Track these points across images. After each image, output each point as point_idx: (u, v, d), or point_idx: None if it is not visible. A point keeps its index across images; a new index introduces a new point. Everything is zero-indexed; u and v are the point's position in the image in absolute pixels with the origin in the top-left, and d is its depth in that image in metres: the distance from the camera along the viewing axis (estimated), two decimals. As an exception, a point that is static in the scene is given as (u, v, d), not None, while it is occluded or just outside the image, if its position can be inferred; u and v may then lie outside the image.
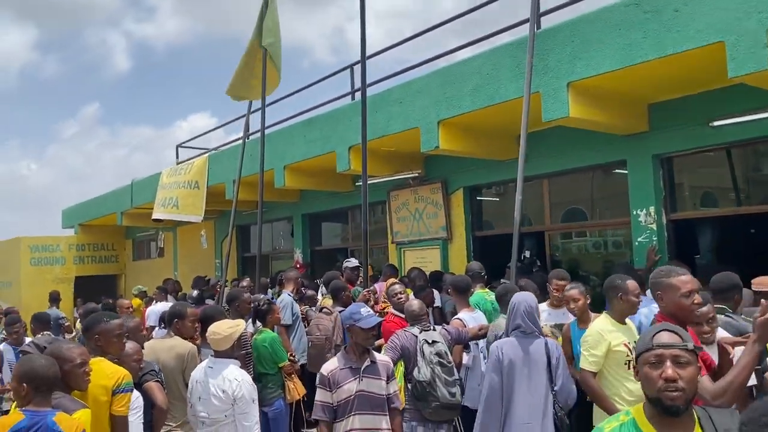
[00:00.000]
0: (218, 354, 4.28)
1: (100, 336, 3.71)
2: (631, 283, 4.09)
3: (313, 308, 7.49)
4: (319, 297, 8.22)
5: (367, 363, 3.98)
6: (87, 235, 17.60)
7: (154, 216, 12.14)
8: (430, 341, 4.59)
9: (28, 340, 6.84)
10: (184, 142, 14.12)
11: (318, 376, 4.02)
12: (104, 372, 3.54)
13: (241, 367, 4.29)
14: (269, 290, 9.56)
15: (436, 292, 6.87)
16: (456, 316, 5.23)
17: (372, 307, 6.48)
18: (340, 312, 6.19)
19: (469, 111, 6.60)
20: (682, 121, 6.24)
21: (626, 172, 6.79)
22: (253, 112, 10.15)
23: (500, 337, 4.32)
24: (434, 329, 4.72)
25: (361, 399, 3.90)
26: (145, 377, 4.15)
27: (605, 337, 3.97)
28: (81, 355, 3.38)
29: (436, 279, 7.47)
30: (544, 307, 5.11)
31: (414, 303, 4.95)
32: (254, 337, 5.63)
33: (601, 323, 4.10)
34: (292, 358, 5.78)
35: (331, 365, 4.01)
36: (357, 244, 10.99)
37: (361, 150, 8.10)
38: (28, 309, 13.16)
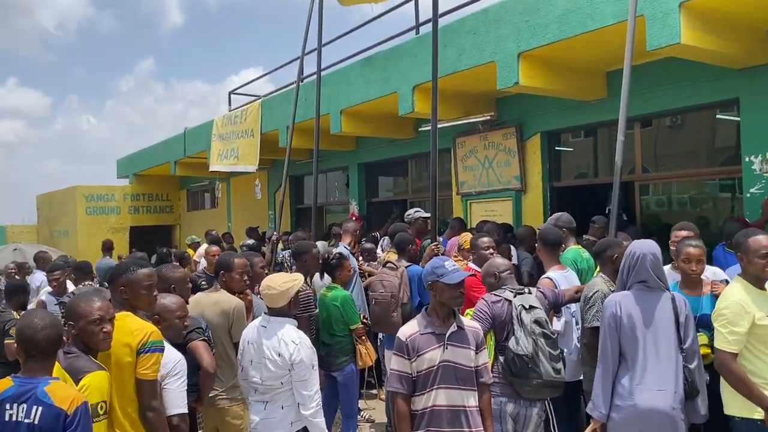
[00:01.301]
0: (272, 311, 3.70)
1: (126, 288, 3.18)
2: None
3: (374, 263, 6.90)
4: (379, 251, 7.63)
5: (453, 328, 3.32)
6: (142, 185, 17.45)
7: (214, 168, 11.78)
8: (527, 307, 3.89)
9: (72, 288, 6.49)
10: (236, 89, 13.58)
11: (395, 341, 3.40)
12: (128, 328, 3.01)
13: (299, 328, 3.71)
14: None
15: (512, 248, 6.16)
16: (545, 275, 4.50)
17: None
18: (407, 267, 5.56)
19: (555, 41, 5.73)
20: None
21: (733, 116, 5.84)
22: (308, 53, 9.45)
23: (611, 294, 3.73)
24: (529, 292, 4.01)
25: (445, 370, 3.26)
26: (190, 335, 3.61)
27: (747, 308, 3.22)
28: (99, 310, 2.85)
29: (505, 232, 6.76)
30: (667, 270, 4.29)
31: (499, 260, 4.24)
32: (322, 294, 5.10)
33: (739, 291, 3.34)
34: (365, 320, 5.22)
35: (409, 329, 3.36)
36: (417, 195, 10.30)
37: (426, 90, 7.45)
38: (86, 257, 13.10)
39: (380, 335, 6.00)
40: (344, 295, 5.00)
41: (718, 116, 6.47)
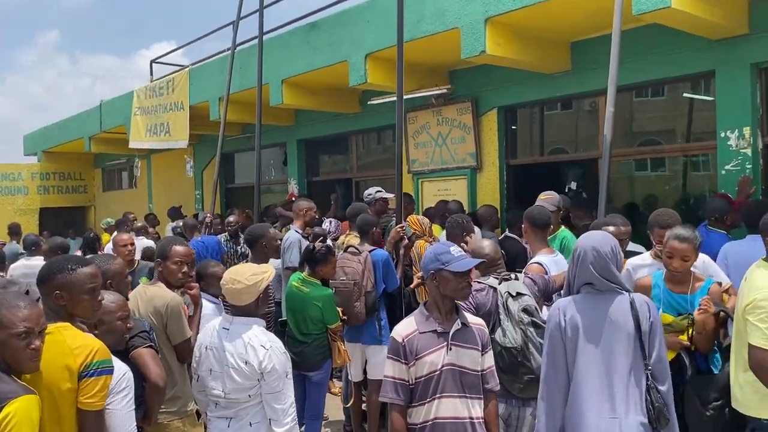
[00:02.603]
0: (236, 310, 3.09)
1: (63, 291, 2.48)
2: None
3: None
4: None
5: (456, 326, 2.82)
6: (52, 163, 15.98)
7: (139, 145, 10.81)
8: (514, 294, 3.45)
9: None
10: (158, 57, 12.50)
11: (390, 342, 2.86)
12: (66, 346, 2.35)
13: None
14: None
15: (477, 229, 5.73)
16: (534, 259, 4.07)
17: (405, 247, 5.41)
18: (370, 252, 5.02)
19: (529, 5, 5.28)
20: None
21: (708, 92, 5.61)
22: (245, 16, 8.66)
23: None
24: (516, 278, 3.57)
25: (449, 376, 2.76)
26: (133, 341, 2.94)
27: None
28: (27, 321, 2.17)
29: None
30: (647, 260, 3.91)
31: (485, 243, 3.78)
32: (298, 288, 4.52)
33: None
34: (344, 317, 4.66)
35: (405, 328, 2.84)
36: (363, 174, 9.75)
37: (380, 59, 6.89)
38: (-13, 243, 11.81)
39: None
40: (327, 294, 4.46)
41: (691, 91, 6.24)
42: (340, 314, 4.73)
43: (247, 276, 3.06)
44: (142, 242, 9.07)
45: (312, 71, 7.56)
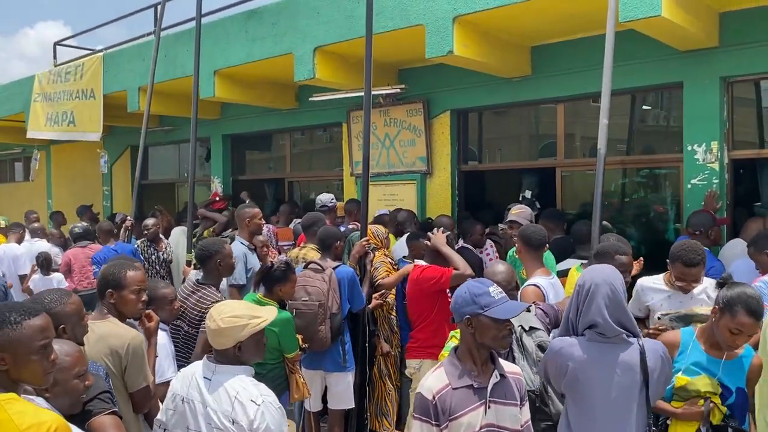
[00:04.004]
0: (218, 356, 2.53)
1: (4, 354, 1.89)
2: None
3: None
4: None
5: (494, 378, 2.40)
6: (-71, 151, 14.18)
7: (38, 135, 9.66)
8: (527, 328, 3.08)
9: None
10: (63, 40, 11.29)
11: (416, 398, 2.40)
12: (12, 427, 1.76)
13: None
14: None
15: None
16: (529, 282, 3.72)
17: (370, 262, 4.96)
18: (334, 269, 4.52)
19: (502, 5, 4.95)
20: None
21: (676, 102, 5.51)
22: (169, -1, 7.84)
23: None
24: (528, 309, 3.19)
25: (489, 440, 2.34)
26: (92, 405, 2.32)
27: None
28: None
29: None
30: (660, 283, 3.65)
31: (500, 268, 3.37)
32: None
33: None
34: (303, 345, 4.10)
35: (436, 382, 2.38)
36: (297, 175, 9.17)
37: (329, 53, 6.37)
38: None
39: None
40: (286, 318, 3.85)
41: (659, 98, 6.16)
42: (300, 342, 4.21)
43: (224, 317, 2.52)
44: (38, 245, 8.07)
45: (249, 63, 6.93)
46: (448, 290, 4.52)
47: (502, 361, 2.50)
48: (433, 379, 2.41)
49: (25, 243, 8.31)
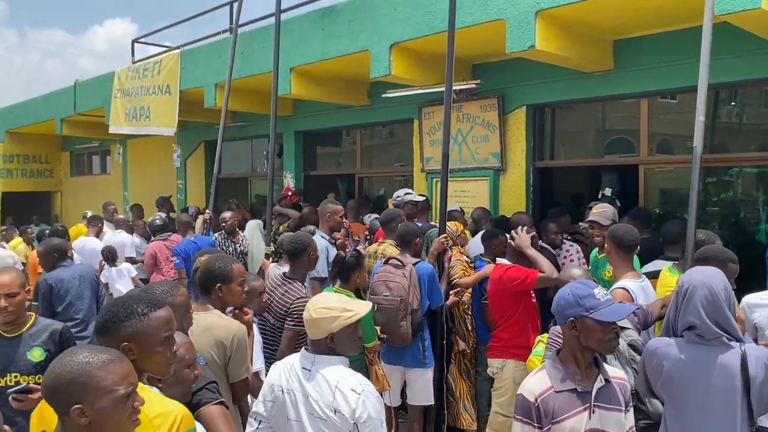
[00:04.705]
0: (314, 347, 2.59)
1: (132, 343, 1.96)
2: None
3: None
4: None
5: (599, 383, 2.36)
6: (16, 145, 14.89)
7: (119, 130, 10.02)
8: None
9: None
10: (141, 37, 11.68)
11: (518, 400, 2.38)
12: (142, 415, 1.82)
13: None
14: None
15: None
16: (618, 284, 3.64)
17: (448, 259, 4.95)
18: (414, 265, 4.53)
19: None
20: None
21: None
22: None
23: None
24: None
25: (593, 445, 2.31)
26: (200, 395, 2.40)
27: None
28: (126, 378, 1.73)
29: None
30: (766, 296, 3.47)
31: (577, 272, 3.33)
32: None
33: None
34: (382, 335, 4.15)
35: (538, 384, 2.36)
36: (368, 171, 9.23)
37: (406, 50, 6.37)
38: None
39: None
40: None
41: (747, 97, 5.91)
42: (378, 332, 4.25)
43: (317, 308, 2.58)
44: (121, 237, 8.37)
45: (324, 60, 7.00)
46: (532, 292, 4.47)
47: (606, 365, 2.45)
48: (534, 381, 2.38)
49: (108, 235, 8.65)
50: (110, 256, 7.49)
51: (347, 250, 5.37)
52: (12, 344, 3.21)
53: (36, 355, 3.21)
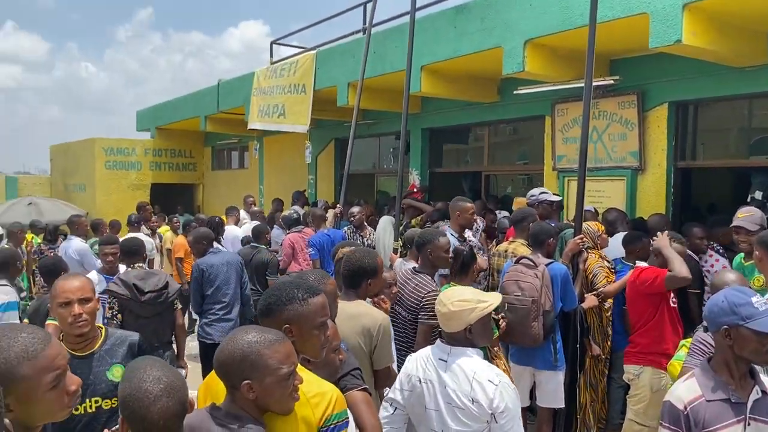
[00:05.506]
0: (449, 338, 2.66)
1: (292, 326, 2.10)
2: None
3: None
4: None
5: (755, 395, 2.24)
6: (164, 140, 16.22)
7: (255, 126, 10.61)
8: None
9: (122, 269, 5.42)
10: (279, 39, 12.29)
11: (665, 406, 2.32)
12: (302, 394, 1.95)
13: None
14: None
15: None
16: (776, 294, 3.40)
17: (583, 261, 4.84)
18: (547, 265, 4.47)
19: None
20: None
21: None
22: (378, -4, 8.18)
23: None
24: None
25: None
26: (344, 381, 2.53)
27: None
28: (290, 357, 1.89)
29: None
30: None
31: (731, 276, 3.15)
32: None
33: None
34: (502, 322, 4.17)
35: (687, 392, 2.28)
36: (495, 168, 9.17)
37: (540, 46, 6.27)
38: (103, 215, 12.04)
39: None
40: None
41: None
42: (501, 320, 4.21)
43: (453, 301, 2.63)
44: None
45: (455, 58, 7.03)
46: (672, 298, 4.28)
47: (763, 376, 2.32)
48: (684, 388, 2.30)
49: (245, 225, 9.24)
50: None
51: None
52: (86, 363, 2.69)
53: (117, 374, 2.68)
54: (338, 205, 7.85)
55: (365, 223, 7.83)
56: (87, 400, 2.61)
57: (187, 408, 1.77)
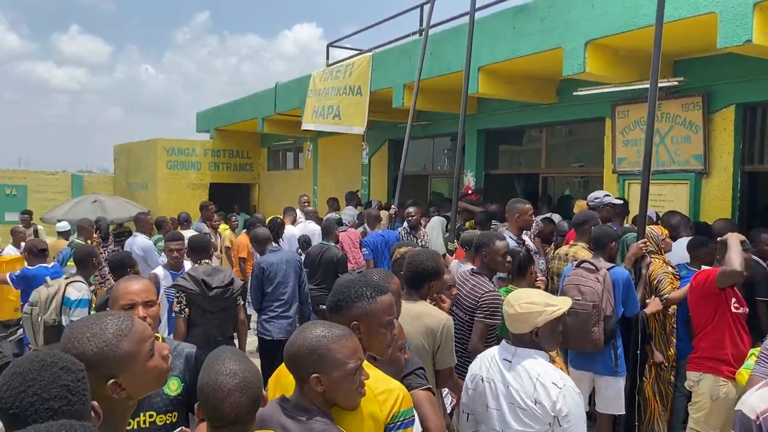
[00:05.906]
0: (516, 339, 2.66)
1: (360, 323, 2.15)
2: None
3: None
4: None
5: None
6: (222, 141, 16.62)
7: (309, 127, 10.76)
8: None
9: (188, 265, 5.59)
10: (335, 42, 12.43)
11: (736, 416, 2.28)
12: (369, 390, 1.99)
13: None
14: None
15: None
16: None
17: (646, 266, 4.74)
18: (609, 270, 4.41)
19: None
20: None
21: None
22: (436, -1, 8.20)
23: None
24: None
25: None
26: (408, 380, 2.56)
27: None
28: (357, 353, 1.93)
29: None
30: None
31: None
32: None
33: None
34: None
35: (759, 401, 2.21)
36: (553, 170, 9.07)
37: (601, 47, 6.17)
38: (164, 213, 12.40)
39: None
40: None
41: None
42: None
43: (521, 303, 2.63)
44: (311, 227, 9.02)
45: (514, 59, 6.99)
46: (735, 303, 4.15)
47: None
48: (756, 398, 2.24)
49: (299, 224, 9.40)
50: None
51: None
52: None
53: (173, 387, 2.55)
54: (392, 206, 7.90)
55: (420, 224, 7.86)
56: (141, 414, 2.43)
57: (260, 403, 1.81)
